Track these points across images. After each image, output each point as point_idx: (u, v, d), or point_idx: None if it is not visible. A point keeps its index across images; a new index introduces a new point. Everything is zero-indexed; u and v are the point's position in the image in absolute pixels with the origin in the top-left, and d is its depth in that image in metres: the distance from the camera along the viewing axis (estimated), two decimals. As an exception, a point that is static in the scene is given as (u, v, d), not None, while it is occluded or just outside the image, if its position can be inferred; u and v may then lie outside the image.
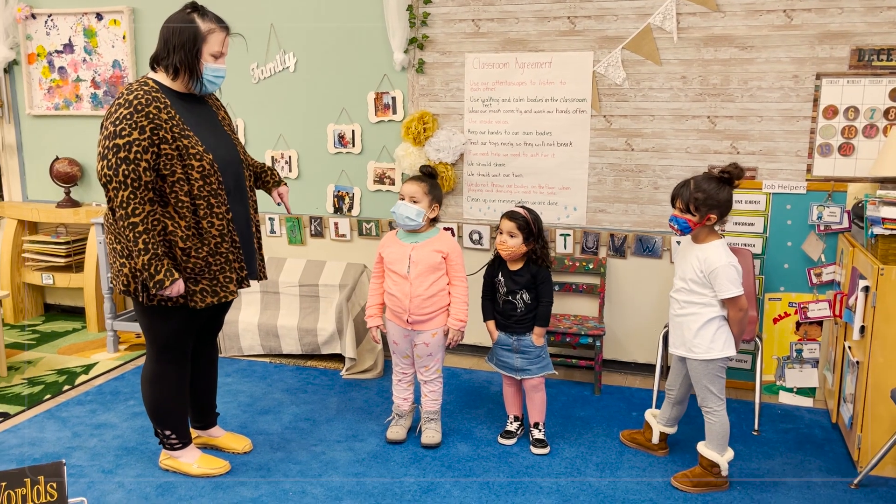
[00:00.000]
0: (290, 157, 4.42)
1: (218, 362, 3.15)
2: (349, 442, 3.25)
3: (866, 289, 2.92)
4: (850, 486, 2.89)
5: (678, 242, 3.80)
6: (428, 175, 3.15)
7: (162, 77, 2.66)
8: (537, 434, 3.18)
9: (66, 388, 3.83)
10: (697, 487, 2.85)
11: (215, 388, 3.13)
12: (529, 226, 3.03)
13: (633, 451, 3.18)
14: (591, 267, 3.97)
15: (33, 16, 4.76)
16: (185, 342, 2.82)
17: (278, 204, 3.12)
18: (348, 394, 3.77)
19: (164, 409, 2.85)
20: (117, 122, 2.50)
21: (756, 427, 3.38)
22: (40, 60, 4.83)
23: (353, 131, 4.27)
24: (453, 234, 4.17)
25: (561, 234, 4.01)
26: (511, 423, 3.29)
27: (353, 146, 4.29)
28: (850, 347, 3.16)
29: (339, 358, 4.19)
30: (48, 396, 3.71)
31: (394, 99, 4.16)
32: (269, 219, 4.52)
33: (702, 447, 2.88)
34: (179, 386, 2.86)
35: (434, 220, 3.15)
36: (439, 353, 3.20)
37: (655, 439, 3.12)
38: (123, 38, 4.62)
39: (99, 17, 4.66)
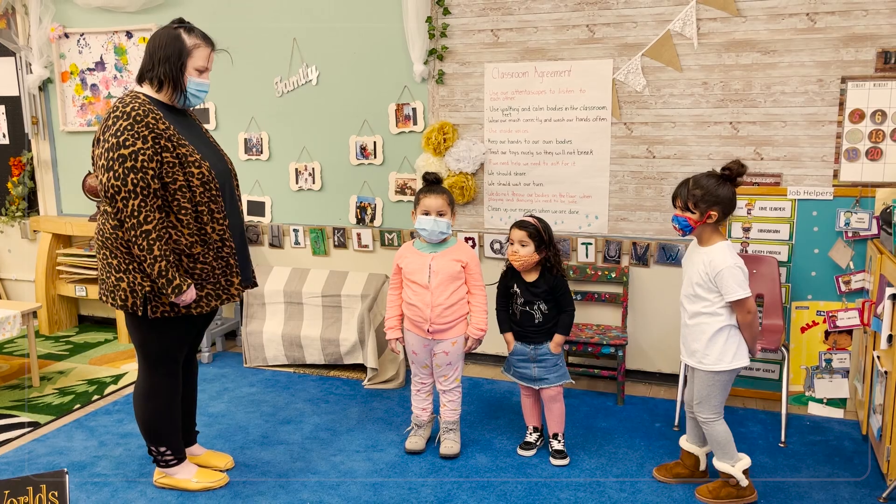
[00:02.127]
0: (313, 168, 4.47)
1: (197, 379, 3.14)
2: (368, 452, 3.26)
3: (894, 297, 2.84)
4: (879, 500, 2.80)
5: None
6: (437, 182, 3.17)
7: (148, 90, 2.71)
8: (556, 445, 3.16)
9: (95, 397, 3.91)
10: (720, 500, 2.79)
11: (196, 404, 3.13)
12: (540, 233, 3.01)
13: (655, 462, 3.12)
14: (613, 276, 3.93)
15: (66, 35, 4.90)
16: (178, 354, 2.85)
17: None
18: (369, 404, 3.79)
19: (159, 424, 2.85)
20: (119, 134, 2.54)
21: (783, 439, 3.30)
22: (73, 78, 4.97)
23: (374, 143, 4.30)
24: (474, 245, 4.17)
25: (582, 243, 3.99)
26: (530, 434, 3.27)
27: (375, 157, 4.32)
28: (878, 357, 3.08)
29: (361, 368, 4.21)
30: (77, 406, 3.79)
31: (414, 110, 4.19)
32: (294, 230, 4.58)
33: (715, 461, 2.80)
34: (173, 400, 2.86)
35: None
36: (459, 362, 3.20)
37: (704, 465, 2.96)
38: (152, 54, 4.72)
39: (129, 35, 4.78)
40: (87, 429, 3.53)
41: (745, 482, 2.76)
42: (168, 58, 2.66)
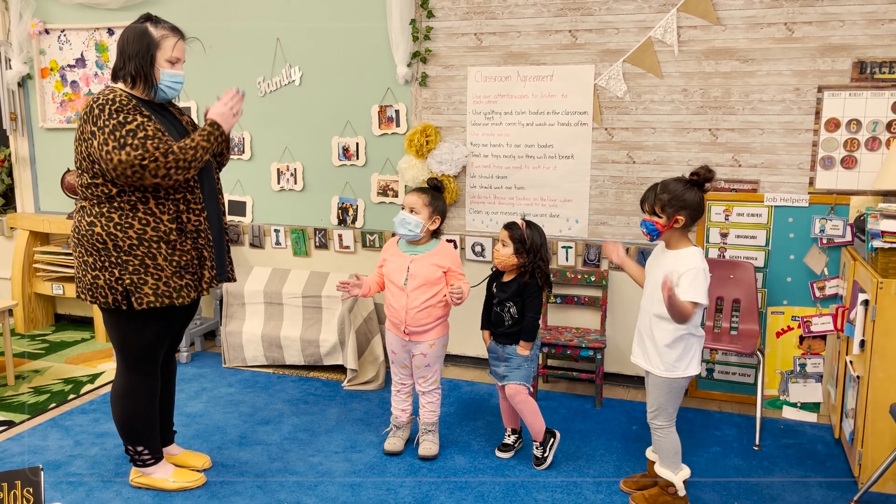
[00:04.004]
0: (295, 169, 4.46)
1: (176, 378, 3.13)
2: (346, 453, 3.26)
3: (866, 302, 2.89)
4: (850, 503, 2.85)
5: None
6: (433, 187, 3.16)
7: (122, 87, 2.69)
8: (534, 451, 3.16)
9: (71, 397, 3.87)
10: None
11: (173, 404, 3.12)
12: (523, 239, 3.03)
13: (632, 465, 3.15)
14: (592, 279, 3.96)
15: (47, 31, 4.86)
16: (157, 353, 2.84)
17: None
18: (349, 405, 3.78)
19: (136, 423, 2.83)
20: (116, 115, 2.53)
21: (757, 442, 3.35)
22: (53, 75, 4.93)
23: (357, 144, 4.30)
24: (456, 247, 4.18)
25: (563, 247, 4.01)
26: (508, 436, 3.28)
27: (357, 159, 4.32)
28: (851, 362, 3.13)
29: (341, 369, 4.21)
30: (53, 405, 3.76)
31: (397, 112, 4.20)
32: (275, 230, 4.56)
33: (656, 466, 2.79)
34: (151, 399, 2.85)
35: (436, 233, 3.16)
36: (437, 364, 3.21)
37: None
38: (134, 52, 4.69)
39: (110, 31, 4.74)
40: (62, 428, 3.49)
41: (682, 492, 2.75)
42: (137, 52, 2.64)
